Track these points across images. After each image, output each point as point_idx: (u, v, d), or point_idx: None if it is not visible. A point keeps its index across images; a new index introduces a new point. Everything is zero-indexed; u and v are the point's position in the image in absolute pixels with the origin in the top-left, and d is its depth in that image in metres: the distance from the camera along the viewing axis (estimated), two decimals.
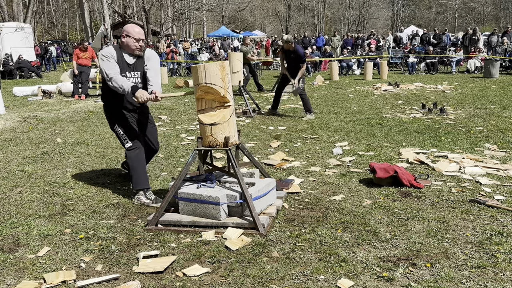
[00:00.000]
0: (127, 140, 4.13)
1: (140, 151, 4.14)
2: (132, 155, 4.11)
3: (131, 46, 4.01)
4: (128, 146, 4.12)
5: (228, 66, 3.56)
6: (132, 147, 4.12)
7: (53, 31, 53.65)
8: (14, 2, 27.37)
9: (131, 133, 4.15)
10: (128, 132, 4.14)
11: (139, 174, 4.09)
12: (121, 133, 4.15)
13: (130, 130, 4.16)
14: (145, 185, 4.11)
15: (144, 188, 4.11)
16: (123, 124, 4.16)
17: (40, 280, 2.80)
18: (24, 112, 10.03)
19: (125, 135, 4.14)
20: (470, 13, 58.82)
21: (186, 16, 43.23)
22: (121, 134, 4.15)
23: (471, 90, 11.97)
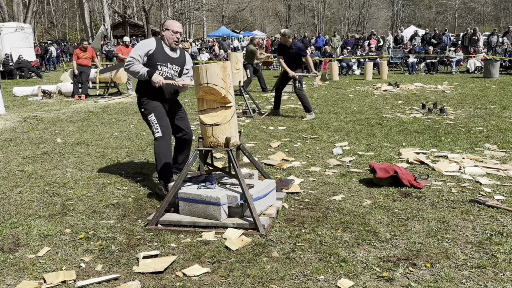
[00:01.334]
0: (158, 130, 4.29)
1: (167, 143, 4.30)
2: (159, 143, 4.29)
3: (169, 39, 4.30)
4: (158, 136, 4.29)
5: (230, 66, 3.56)
6: (161, 137, 4.28)
7: (53, 31, 53.64)
8: (14, 2, 27.36)
9: (163, 123, 4.31)
10: (160, 122, 4.30)
11: (162, 165, 4.28)
12: (154, 121, 4.31)
13: (162, 120, 4.32)
14: (166, 177, 4.27)
15: (165, 179, 4.26)
16: (156, 113, 4.33)
17: (40, 280, 2.80)
18: (24, 112, 10.03)
19: (157, 124, 4.30)
20: (470, 13, 58.82)
21: (186, 16, 43.22)
22: (154, 122, 4.31)
23: (471, 90, 11.97)
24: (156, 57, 4.26)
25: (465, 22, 54.66)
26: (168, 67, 4.33)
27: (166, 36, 4.34)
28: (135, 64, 4.19)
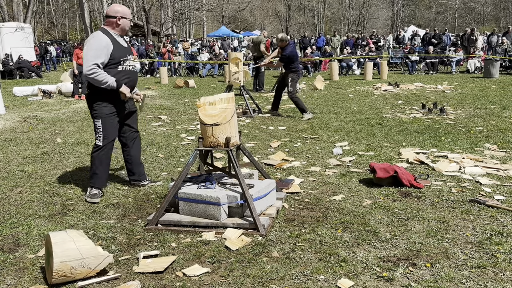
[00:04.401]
0: (100, 139, 4.13)
1: (105, 153, 4.18)
2: (97, 153, 4.16)
3: (126, 27, 4.11)
4: (98, 144, 4.14)
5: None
6: (99, 147, 4.14)
7: (53, 31, 53.62)
8: (14, 2, 27.35)
9: (108, 133, 4.13)
10: (105, 131, 4.12)
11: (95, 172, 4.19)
12: (99, 128, 4.12)
13: (108, 129, 4.13)
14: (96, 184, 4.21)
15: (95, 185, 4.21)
16: (104, 120, 4.11)
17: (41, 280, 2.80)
18: (24, 112, 10.03)
19: (101, 133, 4.13)
20: (470, 13, 58.81)
21: (186, 16, 43.21)
22: (99, 130, 4.12)
23: (471, 90, 11.97)
24: (116, 54, 4.01)
25: (465, 22, 54.65)
26: (129, 59, 4.15)
27: (123, 25, 4.10)
28: (100, 72, 3.90)
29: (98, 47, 3.93)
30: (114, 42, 4.01)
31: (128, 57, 4.13)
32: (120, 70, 4.09)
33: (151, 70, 20.57)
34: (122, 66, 4.09)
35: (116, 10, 4.06)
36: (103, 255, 2.78)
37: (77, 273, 2.70)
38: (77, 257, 2.69)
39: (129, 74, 4.19)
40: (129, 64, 4.17)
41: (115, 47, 4.00)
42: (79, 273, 2.71)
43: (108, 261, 2.80)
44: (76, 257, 2.68)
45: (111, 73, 4.00)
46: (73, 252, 2.68)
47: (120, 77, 4.06)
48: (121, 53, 4.06)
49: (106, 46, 3.94)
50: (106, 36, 3.99)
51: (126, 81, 4.13)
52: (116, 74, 4.04)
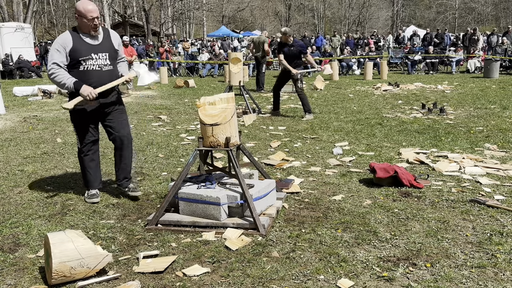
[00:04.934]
0: (78, 142, 4.07)
1: (88, 158, 4.10)
2: (79, 157, 4.14)
3: (84, 28, 3.80)
4: (78, 147, 4.10)
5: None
6: (81, 152, 4.09)
7: (53, 31, 53.60)
8: (14, 2, 27.35)
9: (84, 135, 4.03)
10: (81, 133, 4.03)
11: (84, 175, 4.17)
12: (75, 132, 4.07)
13: (84, 131, 4.02)
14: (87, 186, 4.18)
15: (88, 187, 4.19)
16: (78, 121, 3.99)
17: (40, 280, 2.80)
18: (24, 112, 10.03)
19: (77, 136, 4.06)
20: (470, 13, 58.80)
21: (186, 16, 43.20)
22: (75, 133, 4.07)
23: (471, 90, 11.97)
24: (76, 53, 3.76)
25: (465, 22, 54.64)
26: (94, 58, 3.82)
27: (80, 24, 3.80)
28: (58, 72, 3.72)
29: (57, 46, 3.75)
30: (76, 40, 3.76)
31: (92, 56, 3.81)
32: (82, 71, 3.82)
33: (151, 70, 20.59)
34: (83, 66, 3.81)
35: (76, 10, 3.79)
36: (102, 255, 2.78)
37: (77, 273, 2.70)
38: (76, 257, 2.68)
39: (95, 75, 3.85)
40: (94, 64, 3.83)
41: (76, 46, 3.75)
42: (79, 273, 2.71)
43: (107, 260, 2.79)
44: (75, 257, 2.68)
45: (73, 74, 3.78)
46: (71, 253, 2.68)
47: (84, 79, 3.79)
48: (83, 52, 3.78)
49: (64, 44, 3.73)
50: (69, 34, 3.80)
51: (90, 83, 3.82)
52: (79, 76, 3.79)
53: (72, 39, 3.75)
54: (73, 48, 3.73)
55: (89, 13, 3.72)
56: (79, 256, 2.70)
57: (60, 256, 2.64)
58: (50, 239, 2.71)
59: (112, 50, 3.97)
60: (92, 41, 3.84)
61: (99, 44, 3.88)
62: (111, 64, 3.96)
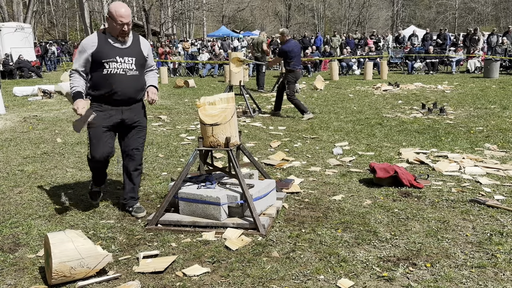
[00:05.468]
0: (89, 150, 3.74)
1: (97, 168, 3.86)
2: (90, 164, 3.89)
3: (113, 31, 3.58)
4: (88, 156, 3.78)
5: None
6: (90, 160, 3.80)
7: (53, 31, 53.62)
8: (14, 2, 27.36)
9: (97, 148, 3.67)
10: (95, 145, 3.67)
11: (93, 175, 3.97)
12: (89, 139, 3.73)
13: (98, 141, 3.67)
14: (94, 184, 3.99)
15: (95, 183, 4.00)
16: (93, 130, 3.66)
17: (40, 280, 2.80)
18: (24, 112, 10.03)
19: (89, 143, 3.72)
20: (470, 13, 58.79)
21: (186, 16, 43.19)
22: (88, 140, 3.73)
23: (471, 90, 11.97)
24: (100, 54, 3.55)
25: (465, 22, 54.65)
26: (118, 62, 3.58)
27: (109, 26, 3.59)
28: (73, 78, 3.58)
29: (80, 48, 3.59)
30: (102, 42, 3.57)
31: (117, 59, 3.58)
32: (105, 74, 3.58)
33: None
34: (107, 69, 3.57)
35: (108, 9, 3.63)
36: (102, 255, 2.78)
37: (77, 273, 2.70)
38: (76, 257, 2.68)
39: (118, 79, 3.59)
40: (118, 67, 3.59)
41: (100, 48, 3.55)
42: (79, 273, 2.71)
43: (107, 260, 2.79)
44: (75, 257, 2.68)
45: (96, 77, 3.60)
46: (71, 252, 2.68)
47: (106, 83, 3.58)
48: (107, 54, 3.56)
49: (87, 47, 3.55)
50: (96, 36, 3.60)
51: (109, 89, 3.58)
52: (102, 79, 3.59)
53: (97, 41, 3.56)
54: (97, 50, 3.53)
55: (119, 18, 3.50)
56: (79, 256, 2.70)
57: (60, 256, 2.64)
58: (50, 239, 2.71)
59: (140, 56, 3.71)
60: (119, 44, 3.62)
61: (126, 48, 3.64)
62: (137, 70, 3.69)
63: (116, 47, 3.60)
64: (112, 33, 3.60)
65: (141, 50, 3.72)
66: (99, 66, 3.56)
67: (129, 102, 3.71)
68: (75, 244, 2.72)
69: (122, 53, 3.61)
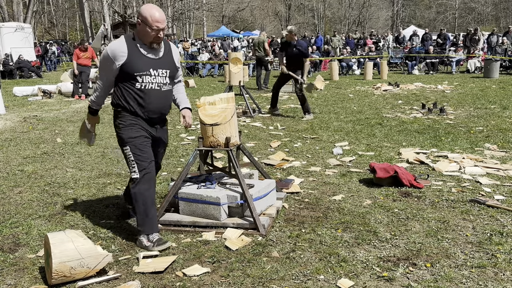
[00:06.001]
0: (135, 169, 3.17)
1: (149, 186, 3.20)
2: (137, 189, 3.17)
3: (146, 37, 3.12)
4: (135, 177, 3.18)
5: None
6: (139, 180, 3.17)
7: (53, 31, 53.64)
8: (14, 2, 27.37)
9: (143, 158, 3.18)
10: (138, 158, 3.17)
11: (142, 215, 3.21)
12: (130, 156, 3.18)
13: (142, 153, 3.19)
14: (149, 230, 3.22)
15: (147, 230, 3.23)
16: (134, 145, 3.18)
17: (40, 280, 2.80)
18: (24, 112, 10.03)
19: (134, 162, 3.17)
20: (470, 13, 58.79)
21: (186, 16, 43.18)
22: (131, 158, 3.18)
23: (471, 90, 11.97)
24: (131, 66, 3.09)
25: (465, 22, 54.65)
26: (153, 75, 3.16)
27: (141, 32, 3.12)
28: (97, 89, 3.28)
29: (107, 57, 3.13)
30: (132, 51, 3.11)
31: (151, 72, 3.15)
32: (139, 89, 3.15)
33: None
34: (140, 84, 3.14)
35: (140, 12, 3.12)
36: (102, 255, 2.78)
37: (77, 273, 2.70)
38: (76, 257, 2.68)
39: (153, 95, 3.18)
40: (152, 82, 3.17)
41: (131, 58, 3.10)
42: (79, 273, 2.71)
43: (107, 260, 2.79)
44: (75, 257, 2.68)
45: (129, 93, 3.15)
46: (71, 253, 2.68)
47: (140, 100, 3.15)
48: (140, 67, 3.11)
49: (115, 56, 3.08)
50: (124, 42, 3.13)
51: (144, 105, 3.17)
52: (136, 95, 3.15)
53: (127, 50, 3.09)
54: (127, 61, 3.08)
55: (155, 23, 3.06)
56: (79, 256, 2.70)
57: (60, 256, 2.64)
58: (50, 239, 2.71)
59: (173, 68, 3.31)
60: (152, 54, 3.17)
61: (159, 59, 3.21)
62: (170, 84, 3.31)
63: (149, 58, 3.16)
64: (144, 40, 3.14)
65: (173, 61, 3.33)
66: (130, 78, 3.13)
67: (161, 120, 3.37)
68: (75, 244, 2.72)
69: (156, 64, 3.18)
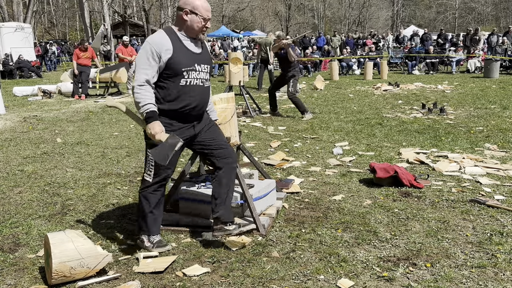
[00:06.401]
0: (150, 174, 3.02)
1: (156, 191, 3.08)
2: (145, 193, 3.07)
3: (194, 28, 2.95)
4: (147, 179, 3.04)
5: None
6: (150, 185, 3.05)
7: (53, 31, 53.65)
8: (14, 2, 27.36)
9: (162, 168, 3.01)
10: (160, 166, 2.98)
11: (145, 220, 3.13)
12: (151, 161, 3.01)
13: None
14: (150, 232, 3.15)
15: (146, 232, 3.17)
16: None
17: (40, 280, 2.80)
18: (24, 112, 10.02)
19: (153, 167, 3.02)
20: (470, 13, 58.79)
21: None
22: (151, 162, 3.01)
23: (471, 90, 11.97)
24: (178, 61, 2.91)
25: (465, 22, 54.66)
26: (197, 70, 2.99)
27: (191, 22, 2.94)
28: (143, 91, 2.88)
29: (150, 53, 2.87)
30: (177, 45, 2.92)
31: (195, 67, 2.99)
32: (184, 86, 2.97)
33: None
34: (186, 79, 2.96)
35: (186, 1, 2.92)
36: (102, 255, 2.78)
37: (77, 273, 2.70)
38: (76, 257, 2.68)
39: (198, 92, 3.03)
40: (197, 77, 3.01)
41: (177, 53, 2.91)
42: (79, 273, 2.71)
43: (107, 260, 2.79)
44: (75, 257, 2.68)
45: (170, 87, 2.95)
46: (71, 253, 2.68)
47: (185, 97, 2.98)
48: (186, 61, 2.95)
49: (160, 52, 2.86)
50: (166, 36, 2.92)
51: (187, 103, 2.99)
52: (180, 92, 2.96)
53: (171, 44, 2.90)
54: (173, 55, 2.89)
55: (206, 12, 2.93)
56: (79, 256, 2.70)
57: (60, 256, 2.64)
58: (50, 239, 2.70)
59: (211, 64, 3.18)
60: (194, 48, 3.01)
61: (200, 54, 3.04)
62: (209, 80, 3.16)
63: (193, 52, 3.00)
64: (190, 33, 2.98)
65: (210, 57, 3.22)
66: (176, 75, 2.94)
67: (201, 117, 3.16)
68: (75, 244, 2.72)
69: (199, 59, 3.02)
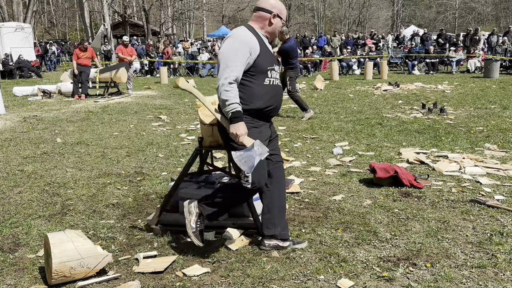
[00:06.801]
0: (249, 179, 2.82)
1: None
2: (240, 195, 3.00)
3: (275, 31, 3.00)
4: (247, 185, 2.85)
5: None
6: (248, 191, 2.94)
7: (53, 31, 53.65)
8: (14, 2, 27.37)
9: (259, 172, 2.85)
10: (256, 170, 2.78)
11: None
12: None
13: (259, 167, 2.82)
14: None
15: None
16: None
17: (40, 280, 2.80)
18: (24, 112, 10.02)
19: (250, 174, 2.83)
20: (470, 13, 58.79)
21: (186, 16, 43.18)
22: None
23: (471, 90, 11.97)
24: (264, 60, 2.89)
25: (465, 22, 54.66)
26: (275, 70, 3.01)
27: (276, 26, 2.97)
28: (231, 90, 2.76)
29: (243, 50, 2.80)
30: (262, 43, 2.90)
31: (275, 67, 3.00)
32: (267, 85, 2.92)
33: (151, 70, 20.61)
34: (269, 79, 2.93)
35: (273, 5, 2.94)
36: (102, 255, 2.78)
37: (77, 273, 2.70)
38: (76, 257, 2.68)
39: (277, 92, 3.01)
40: (276, 77, 3.00)
41: (263, 51, 2.89)
42: (79, 273, 2.71)
43: (107, 260, 2.79)
44: (75, 257, 2.68)
45: (255, 87, 2.87)
46: (71, 253, 2.68)
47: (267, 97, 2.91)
48: (270, 60, 2.96)
49: (251, 48, 2.83)
50: (251, 34, 2.89)
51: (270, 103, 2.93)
52: (263, 91, 2.90)
53: (258, 42, 2.88)
54: (261, 54, 2.86)
55: (284, 14, 3.00)
56: (79, 256, 2.70)
57: (60, 256, 2.64)
58: (50, 239, 2.70)
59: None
60: (270, 49, 3.02)
61: (273, 54, 3.09)
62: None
63: (271, 51, 3.02)
64: (272, 34, 3.01)
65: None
66: (261, 74, 2.90)
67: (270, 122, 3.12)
68: (75, 244, 2.72)
69: (275, 60, 3.06)
